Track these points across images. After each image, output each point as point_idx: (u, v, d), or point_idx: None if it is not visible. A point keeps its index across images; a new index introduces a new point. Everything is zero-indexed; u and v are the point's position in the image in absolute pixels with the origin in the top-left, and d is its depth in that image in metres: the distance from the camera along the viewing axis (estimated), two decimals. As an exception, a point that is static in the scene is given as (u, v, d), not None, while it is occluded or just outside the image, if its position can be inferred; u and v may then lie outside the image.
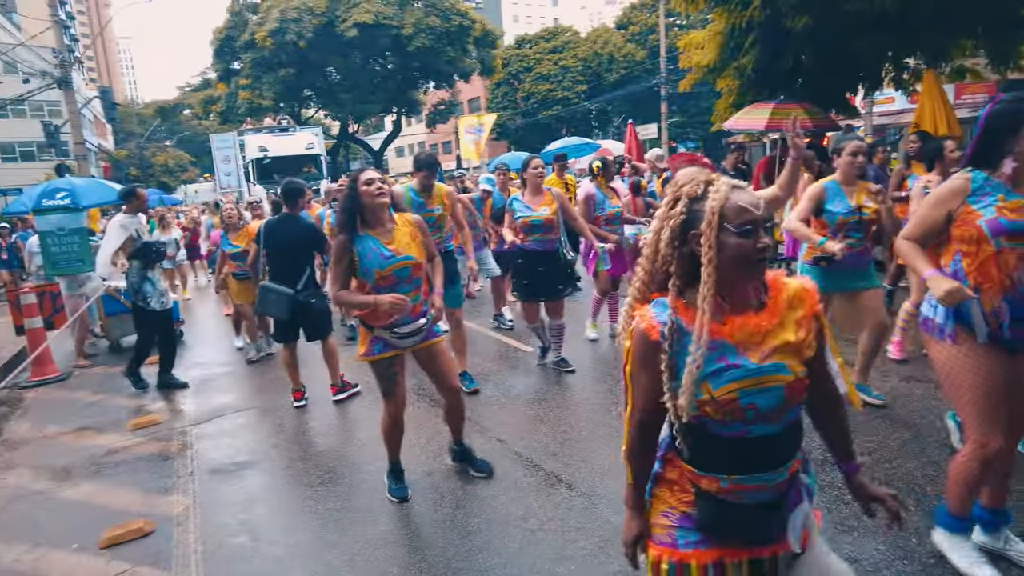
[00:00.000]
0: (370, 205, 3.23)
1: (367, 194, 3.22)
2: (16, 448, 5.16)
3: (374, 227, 3.28)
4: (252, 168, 23.57)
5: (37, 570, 3.33)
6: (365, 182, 3.24)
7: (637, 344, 1.51)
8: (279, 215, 5.55)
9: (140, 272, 6.00)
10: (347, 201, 3.26)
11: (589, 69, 41.99)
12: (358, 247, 3.23)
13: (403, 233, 3.32)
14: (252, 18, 32.54)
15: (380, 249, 3.23)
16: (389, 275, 3.23)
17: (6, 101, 29.50)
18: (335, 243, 3.25)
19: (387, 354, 3.38)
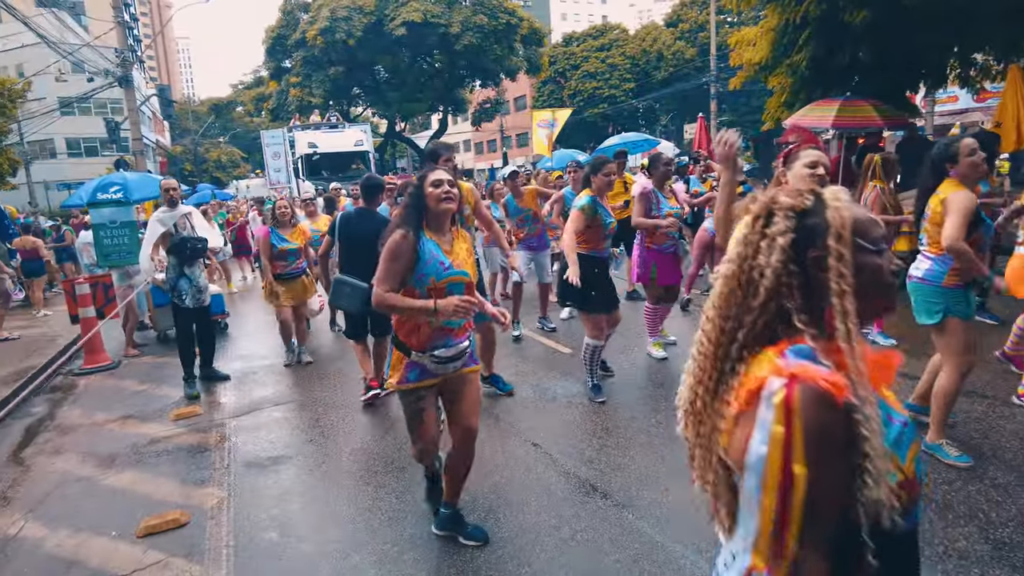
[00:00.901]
0: (434, 210, 2.90)
1: (432, 197, 2.88)
2: (67, 434, 5.31)
3: (436, 233, 2.94)
4: (301, 164, 23.96)
5: (77, 555, 3.40)
6: (432, 183, 2.90)
7: (817, 419, 0.99)
8: (356, 208, 5.52)
9: (176, 268, 5.87)
10: (413, 199, 2.94)
11: (637, 67, 41.53)
12: (421, 247, 2.86)
13: (461, 248, 2.99)
14: (303, 17, 33.15)
15: (441, 257, 2.87)
16: (443, 288, 2.86)
17: (72, 99, 30.82)
18: (395, 237, 2.86)
19: (424, 382, 2.94)
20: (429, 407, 3.01)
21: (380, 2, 31.01)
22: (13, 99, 24.77)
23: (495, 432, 4.44)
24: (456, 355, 2.95)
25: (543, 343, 6.70)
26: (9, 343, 8.42)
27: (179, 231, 5.92)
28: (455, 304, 2.75)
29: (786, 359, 1.05)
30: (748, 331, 1.11)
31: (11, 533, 3.70)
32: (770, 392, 1.02)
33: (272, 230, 6.42)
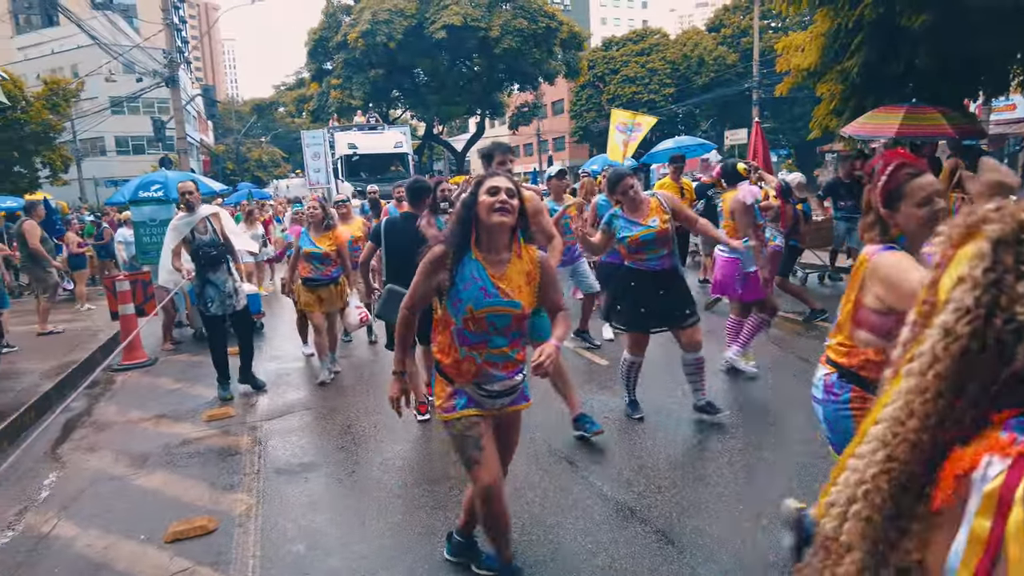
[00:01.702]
0: (486, 223, 2.44)
1: (486, 207, 2.43)
2: (102, 431, 5.34)
3: (486, 252, 2.50)
4: (341, 165, 24.14)
5: (106, 557, 3.37)
6: (489, 190, 2.44)
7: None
8: (401, 213, 5.22)
9: (201, 275, 5.60)
10: (464, 209, 2.52)
11: (677, 72, 41.02)
12: (459, 268, 2.47)
13: (518, 271, 2.51)
14: (345, 20, 33.52)
15: (484, 282, 2.45)
16: (482, 319, 2.45)
17: (122, 98, 31.70)
18: (432, 252, 2.51)
19: (472, 411, 2.57)
20: (485, 437, 2.57)
21: (421, 5, 31.20)
22: (67, 98, 25.56)
23: (529, 447, 4.28)
24: (507, 390, 2.60)
25: (580, 354, 6.54)
26: (54, 336, 8.59)
27: (197, 237, 5.63)
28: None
29: (1012, 432, 0.77)
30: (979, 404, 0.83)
31: (44, 531, 3.70)
32: (983, 476, 0.76)
33: (304, 232, 6.16)
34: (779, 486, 3.59)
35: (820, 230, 8.90)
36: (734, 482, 3.72)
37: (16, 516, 3.91)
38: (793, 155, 35.32)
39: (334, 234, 6.09)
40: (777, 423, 4.58)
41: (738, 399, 5.03)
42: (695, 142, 16.38)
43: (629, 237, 4.32)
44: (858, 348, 2.17)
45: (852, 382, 2.21)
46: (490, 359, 2.51)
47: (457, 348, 2.52)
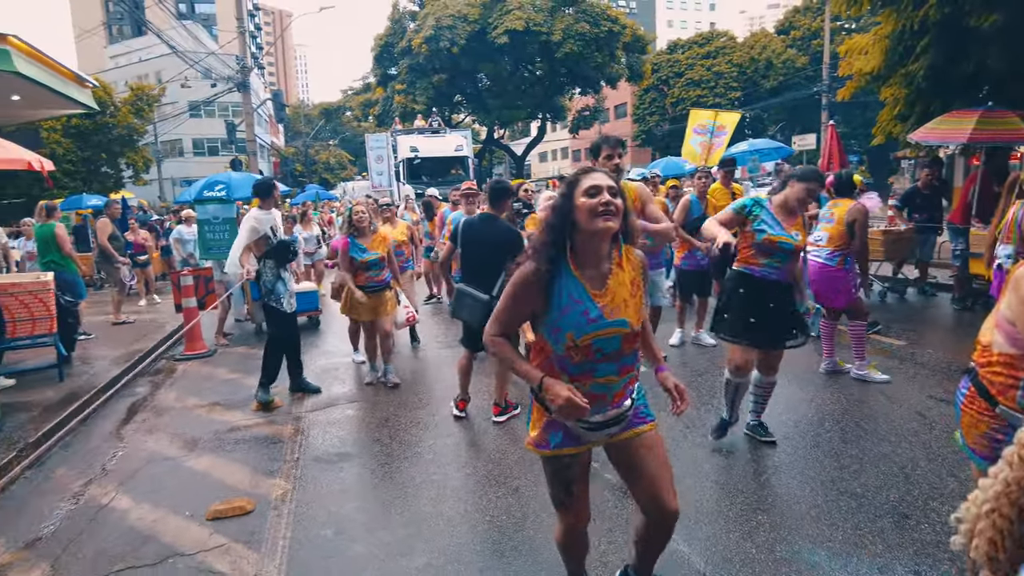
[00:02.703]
0: (588, 229, 2.06)
1: (586, 211, 2.04)
2: (161, 415, 5.69)
3: (585, 265, 2.11)
4: (402, 168, 24.62)
5: (154, 530, 3.61)
6: (588, 191, 2.06)
7: None
8: (480, 214, 5.11)
9: (274, 271, 5.58)
10: (558, 214, 2.11)
11: (744, 75, 40.12)
12: (557, 289, 2.08)
13: (621, 282, 2.13)
14: (410, 26, 34.29)
15: (586, 303, 2.07)
16: (588, 345, 2.08)
17: (199, 103, 33.34)
18: (522, 272, 2.12)
19: (568, 450, 2.24)
20: (579, 479, 2.29)
21: (484, 11, 31.59)
22: (150, 103, 27.09)
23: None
24: (612, 420, 2.21)
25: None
26: (125, 326, 9.16)
27: (275, 234, 5.66)
28: (564, 398, 2.00)
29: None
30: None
31: (103, 502, 3.99)
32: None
33: (351, 240, 5.79)
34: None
35: (899, 241, 8.37)
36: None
37: (82, 487, 4.24)
38: (865, 161, 33.94)
39: (381, 235, 5.95)
40: (823, 443, 4.47)
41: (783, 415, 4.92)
42: (770, 145, 15.67)
43: (767, 236, 3.87)
44: (990, 349, 2.14)
45: (972, 381, 2.21)
46: (596, 389, 2.15)
47: (558, 375, 2.15)
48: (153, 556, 3.32)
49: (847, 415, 4.74)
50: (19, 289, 6.31)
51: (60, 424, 5.15)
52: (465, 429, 4.89)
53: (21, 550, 3.48)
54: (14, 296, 6.24)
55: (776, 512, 3.42)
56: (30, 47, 7.77)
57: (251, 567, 3.17)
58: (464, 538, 3.31)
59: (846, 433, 4.41)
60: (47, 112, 12.28)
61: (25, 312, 6.29)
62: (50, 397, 5.79)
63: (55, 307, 6.46)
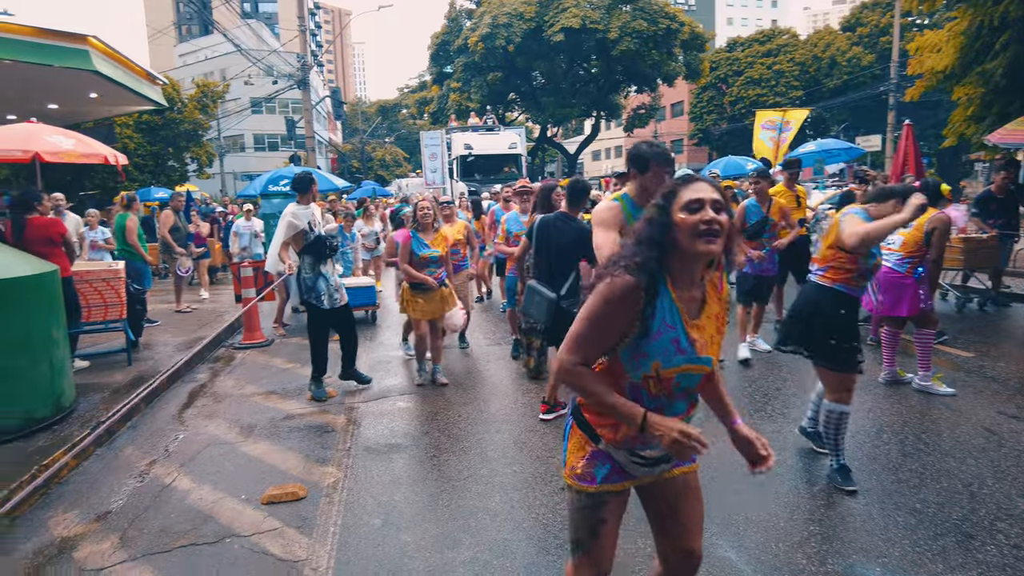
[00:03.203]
0: (689, 250, 1.79)
1: (688, 229, 1.78)
2: (220, 401, 5.90)
3: (680, 285, 1.86)
4: (456, 165, 24.80)
5: (212, 511, 3.75)
6: (688, 205, 1.79)
7: None
8: (557, 213, 5.02)
9: (313, 268, 5.52)
10: (657, 228, 1.83)
11: (806, 74, 39.00)
12: (654, 311, 1.81)
13: (712, 315, 1.92)
14: (467, 24, 34.55)
15: (678, 331, 1.82)
16: (670, 378, 1.85)
17: (260, 99, 34.38)
18: (615, 285, 1.79)
19: (614, 486, 1.97)
20: (612, 519, 2.00)
21: (540, 8, 31.58)
22: (214, 99, 28.07)
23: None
24: (667, 455, 1.94)
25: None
26: (188, 315, 9.53)
27: (313, 229, 5.58)
28: (678, 431, 1.73)
29: None
30: None
31: (167, 482, 4.18)
32: None
33: (414, 234, 5.74)
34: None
35: (981, 250, 7.96)
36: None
37: (147, 466, 4.44)
38: (934, 163, 32.57)
39: (442, 235, 5.85)
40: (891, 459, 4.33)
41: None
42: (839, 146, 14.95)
43: (876, 259, 3.63)
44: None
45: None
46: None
47: None
48: (212, 535, 3.46)
49: (907, 427, 4.57)
50: (93, 277, 6.64)
51: (128, 406, 5.40)
52: (513, 426, 4.91)
53: (93, 522, 3.67)
54: (89, 283, 6.57)
55: (828, 523, 3.33)
56: (108, 47, 8.18)
57: (303, 551, 3.27)
58: (510, 534, 3.34)
59: (905, 446, 4.26)
60: (121, 108, 12.92)
61: (98, 298, 6.61)
62: (119, 380, 6.08)
63: (125, 294, 6.78)
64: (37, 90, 9.53)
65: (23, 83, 8.94)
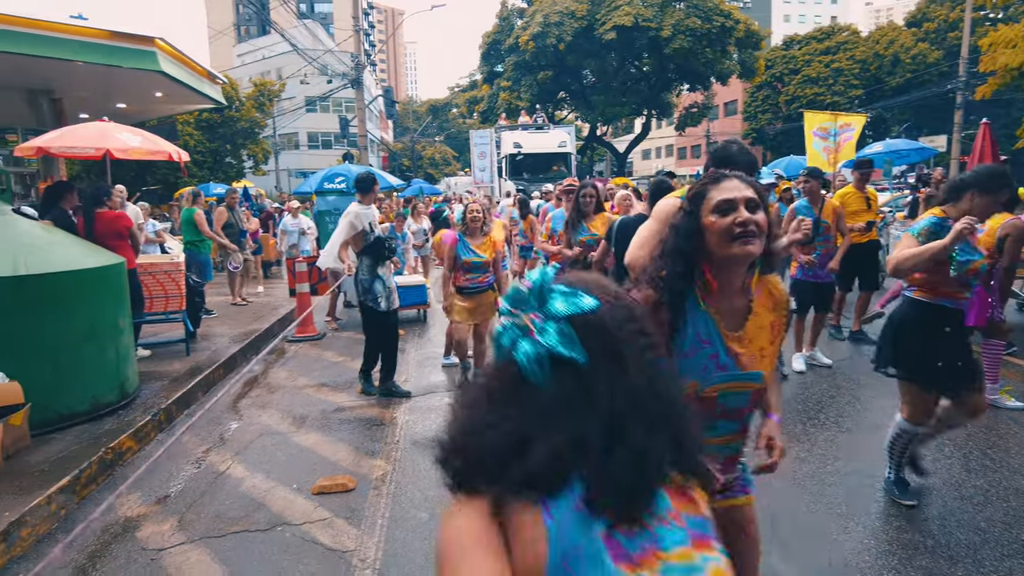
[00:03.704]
0: (719, 256, 1.64)
1: (719, 233, 1.62)
2: (273, 392, 6.06)
3: (719, 298, 1.69)
4: (505, 164, 24.83)
5: (264, 500, 3.86)
6: (719, 207, 1.63)
7: None
8: (636, 214, 4.85)
9: (371, 269, 5.44)
10: (682, 237, 1.68)
11: (867, 72, 37.70)
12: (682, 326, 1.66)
13: (761, 326, 1.73)
14: (518, 23, 34.62)
15: (716, 346, 1.67)
16: (711, 398, 1.69)
17: (315, 98, 35.15)
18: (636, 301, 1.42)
19: None
20: None
21: (592, 7, 31.40)
22: (271, 98, 28.84)
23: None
24: (720, 488, 1.79)
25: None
26: (243, 307, 9.81)
27: (373, 230, 5.54)
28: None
29: None
30: None
31: (221, 469, 4.32)
32: None
33: (460, 238, 5.57)
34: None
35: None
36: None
37: (203, 453, 4.60)
38: (1009, 166, 31.07)
39: (491, 239, 5.58)
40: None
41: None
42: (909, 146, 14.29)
43: (972, 263, 3.21)
44: None
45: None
46: (711, 450, 1.74)
47: None
48: (264, 523, 3.56)
49: (971, 442, 4.37)
50: (156, 269, 6.90)
51: (186, 394, 5.60)
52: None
53: (154, 504, 3.83)
54: (152, 275, 6.84)
55: (885, 539, 3.22)
56: (173, 48, 8.48)
57: (351, 542, 3.33)
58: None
59: (970, 462, 4.08)
60: (183, 107, 13.36)
61: (160, 290, 6.88)
62: (178, 369, 6.30)
63: (185, 287, 7.03)
64: (107, 90, 9.94)
65: (95, 84, 9.34)
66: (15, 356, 4.28)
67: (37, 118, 9.57)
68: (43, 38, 7.14)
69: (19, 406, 4.12)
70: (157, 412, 5.02)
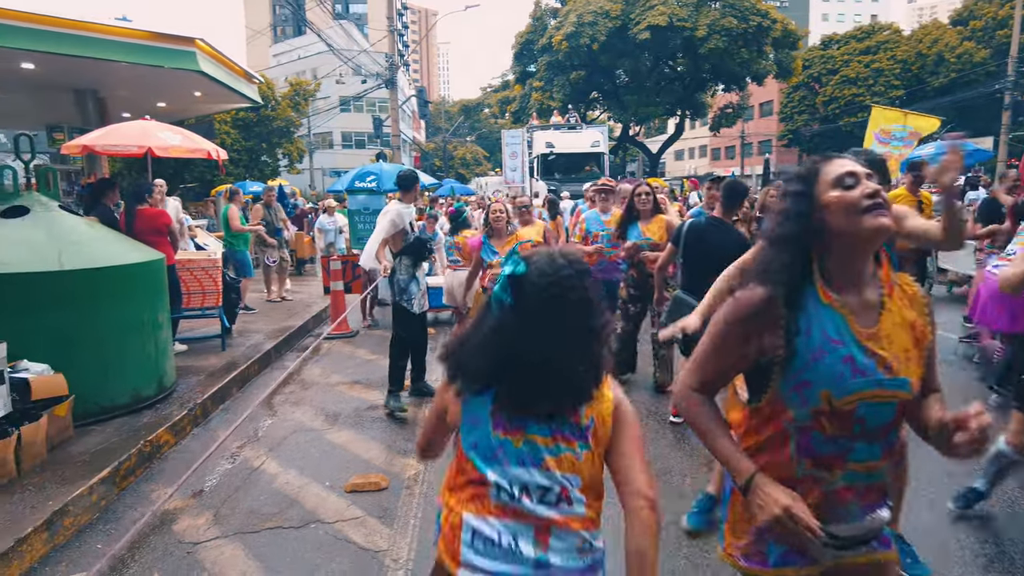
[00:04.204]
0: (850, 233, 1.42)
1: (844, 207, 1.42)
2: (307, 388, 6.11)
3: (842, 290, 1.45)
4: (537, 164, 24.71)
5: (298, 496, 3.88)
6: (839, 180, 1.43)
7: None
8: (707, 217, 4.61)
9: (409, 270, 5.29)
10: (794, 221, 1.47)
11: (908, 72, 36.73)
12: (803, 324, 1.42)
13: (899, 322, 1.47)
14: (551, 23, 34.51)
15: (849, 347, 1.41)
16: (849, 411, 1.41)
17: (349, 98, 35.53)
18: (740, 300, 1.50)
19: (793, 571, 1.53)
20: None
21: (626, 6, 31.15)
22: (306, 98, 29.21)
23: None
24: (865, 533, 1.52)
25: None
26: (278, 304, 9.93)
27: (413, 230, 5.40)
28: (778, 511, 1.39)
29: None
30: None
31: (256, 465, 4.36)
32: None
33: (485, 240, 5.53)
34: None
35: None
36: None
37: (238, 448, 4.65)
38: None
39: (517, 237, 5.50)
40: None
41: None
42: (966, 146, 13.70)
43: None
44: None
45: None
46: (850, 480, 1.47)
47: (791, 460, 1.48)
48: (297, 520, 3.58)
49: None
50: (194, 266, 7.02)
51: (222, 389, 5.67)
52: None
53: (190, 498, 3.88)
54: (190, 272, 6.95)
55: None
56: (212, 48, 8.63)
57: (384, 541, 3.33)
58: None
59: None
60: (221, 106, 13.61)
61: (197, 286, 6.99)
62: (214, 364, 6.39)
63: (221, 283, 7.13)
64: (148, 89, 10.18)
65: (137, 83, 9.57)
66: (60, 349, 4.37)
67: (83, 117, 9.84)
68: (91, 40, 7.35)
69: (63, 398, 4.21)
70: (193, 407, 5.09)
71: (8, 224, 4.58)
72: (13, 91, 9.89)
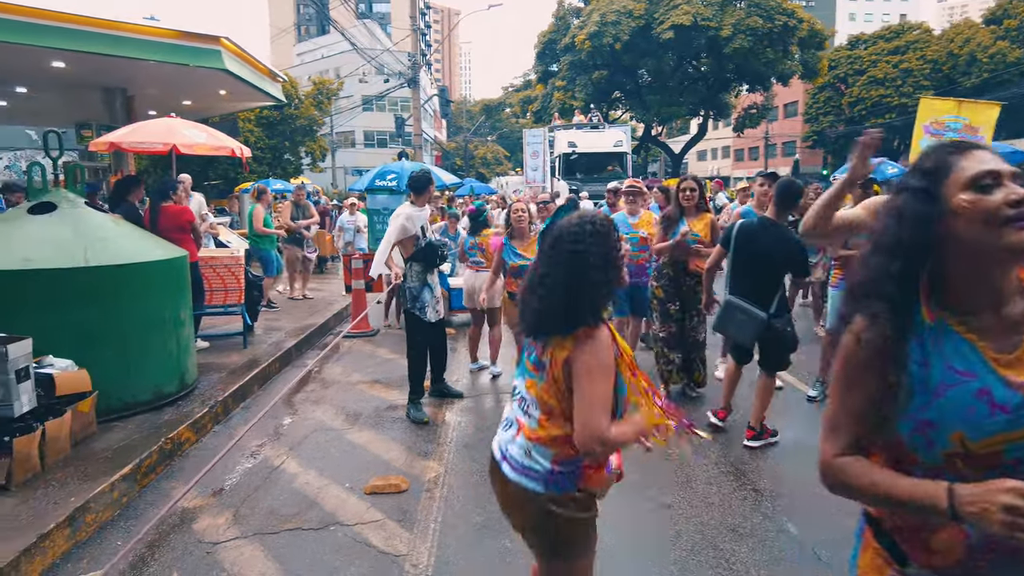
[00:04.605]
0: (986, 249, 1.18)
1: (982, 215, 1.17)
2: (328, 387, 6.11)
3: (971, 312, 1.23)
4: (558, 163, 24.57)
5: (317, 497, 3.86)
6: (976, 180, 1.18)
7: None
8: (759, 218, 4.48)
9: (420, 276, 5.05)
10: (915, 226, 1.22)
11: (939, 72, 36.02)
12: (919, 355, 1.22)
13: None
14: (574, 22, 34.35)
15: (984, 378, 1.18)
16: (994, 453, 1.16)
17: (372, 97, 35.68)
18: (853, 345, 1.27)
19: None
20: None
21: (649, 6, 30.90)
22: (329, 96, 29.37)
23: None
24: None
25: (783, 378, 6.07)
26: (300, 302, 9.96)
27: (425, 235, 5.14)
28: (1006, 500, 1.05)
29: None
30: None
31: (276, 464, 4.34)
32: None
33: (506, 241, 5.41)
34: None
35: None
36: None
37: (258, 447, 4.64)
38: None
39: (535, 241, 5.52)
40: None
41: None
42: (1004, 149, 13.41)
43: None
44: None
45: None
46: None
47: None
48: (316, 521, 3.55)
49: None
50: (217, 263, 7.05)
51: (243, 387, 5.68)
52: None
53: (210, 496, 3.87)
54: (213, 269, 6.98)
55: None
56: (237, 47, 8.68)
57: (403, 546, 3.28)
58: (611, 538, 3.20)
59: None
60: (244, 104, 13.72)
61: (220, 284, 7.01)
62: (235, 361, 6.41)
63: (244, 281, 7.15)
64: (174, 87, 10.29)
65: (163, 81, 9.67)
66: (84, 345, 4.39)
67: (110, 114, 9.96)
68: (121, 39, 7.43)
69: (87, 394, 4.23)
70: (214, 404, 5.10)
71: (36, 220, 4.62)
72: (44, 89, 10.05)
